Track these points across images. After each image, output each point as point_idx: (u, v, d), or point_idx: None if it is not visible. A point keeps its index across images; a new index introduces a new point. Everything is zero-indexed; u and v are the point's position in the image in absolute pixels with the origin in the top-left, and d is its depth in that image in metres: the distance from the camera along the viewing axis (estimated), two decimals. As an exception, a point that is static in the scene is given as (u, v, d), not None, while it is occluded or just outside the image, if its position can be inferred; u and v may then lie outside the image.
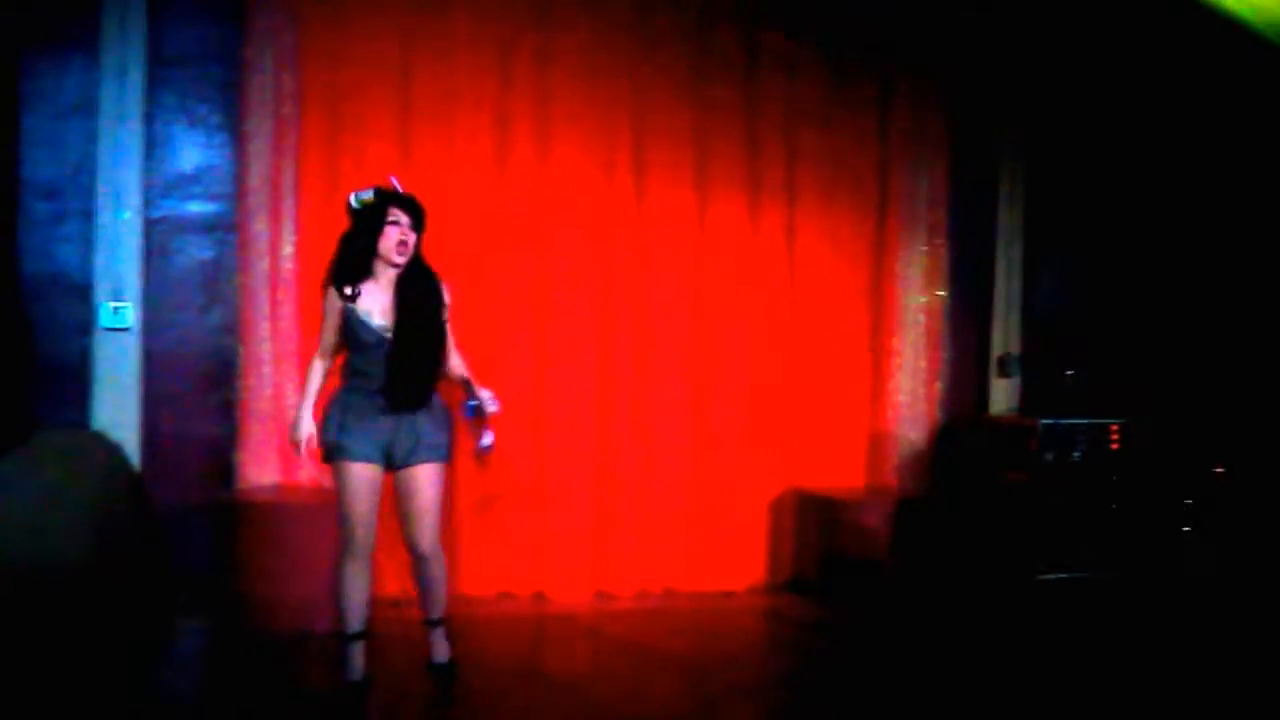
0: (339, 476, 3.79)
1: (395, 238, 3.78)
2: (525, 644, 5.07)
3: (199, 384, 5.33)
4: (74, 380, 5.05)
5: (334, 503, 4.88)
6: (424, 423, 3.82)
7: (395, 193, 3.88)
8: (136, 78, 5.18)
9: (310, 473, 5.29)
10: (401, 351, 3.76)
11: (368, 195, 3.84)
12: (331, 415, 3.82)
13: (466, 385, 3.90)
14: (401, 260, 3.80)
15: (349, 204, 3.87)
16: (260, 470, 5.25)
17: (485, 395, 3.84)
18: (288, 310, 5.34)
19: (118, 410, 5.08)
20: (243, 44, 5.30)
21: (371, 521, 3.82)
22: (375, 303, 3.79)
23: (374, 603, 4.08)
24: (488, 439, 3.88)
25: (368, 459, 3.76)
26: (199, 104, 5.40)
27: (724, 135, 6.13)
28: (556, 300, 5.78)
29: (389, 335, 3.77)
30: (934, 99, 6.61)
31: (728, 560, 6.07)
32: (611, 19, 5.87)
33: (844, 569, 5.93)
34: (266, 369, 5.28)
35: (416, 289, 3.82)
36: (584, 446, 5.79)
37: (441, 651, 4.06)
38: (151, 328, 5.23)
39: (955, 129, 6.72)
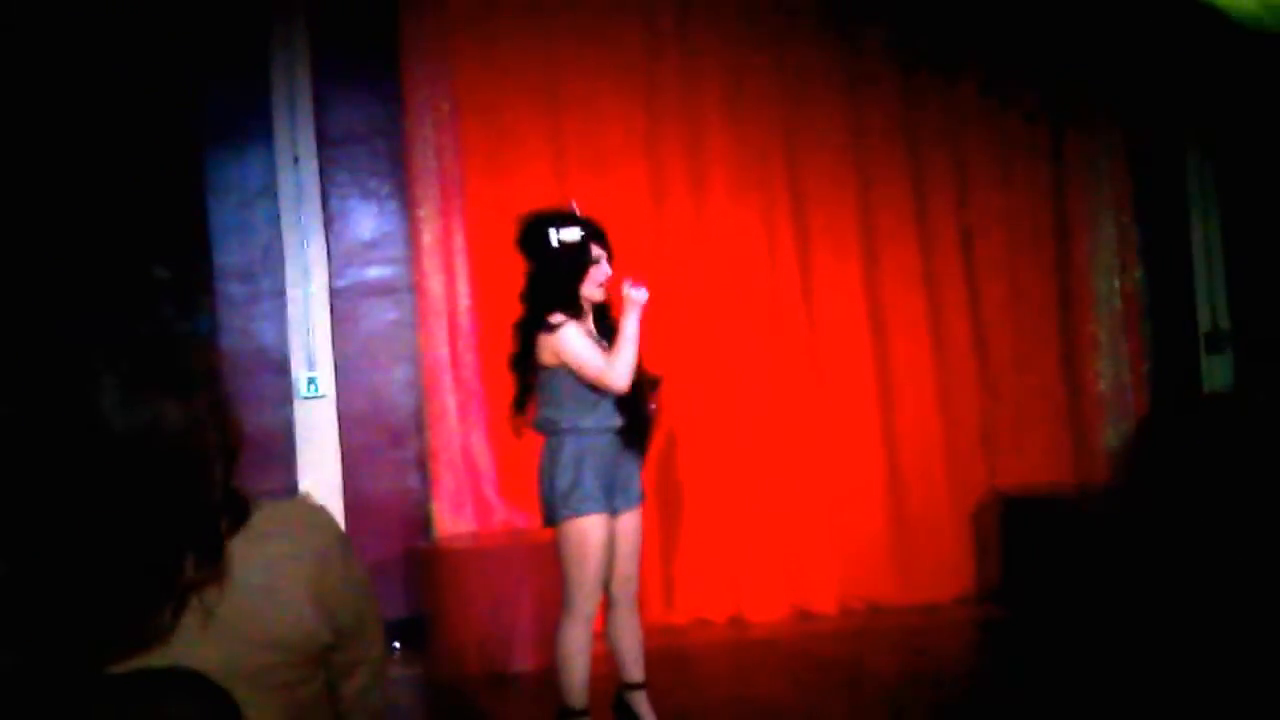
0: (575, 534, 3.47)
1: (599, 278, 3.58)
2: (729, 670, 5.00)
3: (392, 440, 5.58)
4: (280, 448, 5.38)
5: (528, 544, 5.04)
6: (633, 465, 3.64)
7: (595, 227, 3.62)
8: (310, 160, 5.54)
9: (503, 517, 5.43)
10: (638, 387, 3.55)
11: (573, 235, 3.54)
12: (562, 470, 3.48)
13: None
14: (601, 298, 3.63)
15: (546, 239, 3.54)
16: (456, 518, 5.42)
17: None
18: (468, 362, 5.52)
19: (320, 472, 5.39)
20: (403, 117, 5.56)
21: (605, 578, 3.56)
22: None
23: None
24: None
25: (603, 510, 3.51)
26: (369, 177, 5.70)
27: (883, 123, 5.98)
28: (727, 321, 5.72)
29: None
30: (1105, 61, 6.22)
31: (931, 571, 5.82)
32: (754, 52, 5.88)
33: (1055, 574, 5.57)
34: (452, 419, 5.47)
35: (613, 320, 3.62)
36: (771, 463, 5.69)
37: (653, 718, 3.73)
38: (344, 391, 5.52)
39: (1129, 90, 6.27)
